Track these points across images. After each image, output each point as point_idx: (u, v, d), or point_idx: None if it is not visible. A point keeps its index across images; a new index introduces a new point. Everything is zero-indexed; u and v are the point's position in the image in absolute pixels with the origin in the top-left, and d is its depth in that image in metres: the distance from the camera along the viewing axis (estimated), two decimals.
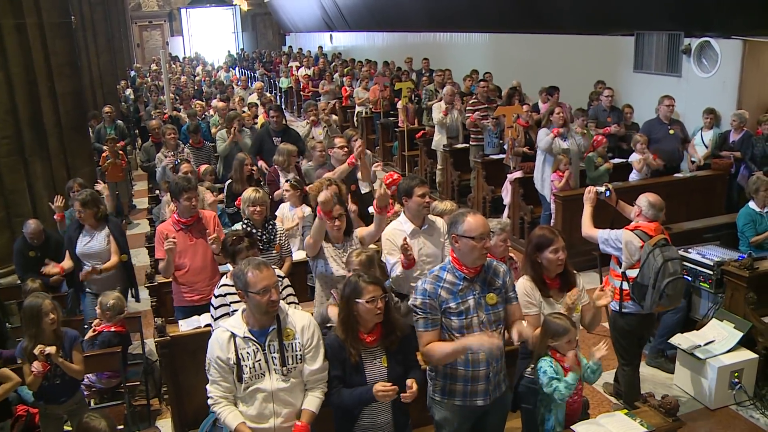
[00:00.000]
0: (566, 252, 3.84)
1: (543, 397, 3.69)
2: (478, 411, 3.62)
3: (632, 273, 4.72)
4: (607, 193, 5.15)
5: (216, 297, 4.29)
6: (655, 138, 8.42)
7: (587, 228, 5.00)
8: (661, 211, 4.82)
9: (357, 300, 3.34)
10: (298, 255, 5.95)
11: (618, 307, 4.82)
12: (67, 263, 5.98)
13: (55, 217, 6.57)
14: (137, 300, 6.59)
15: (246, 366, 3.27)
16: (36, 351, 4.25)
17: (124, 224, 10.60)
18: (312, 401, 3.39)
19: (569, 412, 3.72)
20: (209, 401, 3.35)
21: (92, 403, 5.25)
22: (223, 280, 4.38)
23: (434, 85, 12.63)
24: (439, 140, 10.54)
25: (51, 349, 4.29)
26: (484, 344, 3.28)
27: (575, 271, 4.01)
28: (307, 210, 6.05)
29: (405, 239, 4.40)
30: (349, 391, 3.39)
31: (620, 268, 4.82)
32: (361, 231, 4.76)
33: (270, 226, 5.52)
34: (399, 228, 4.66)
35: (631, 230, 4.80)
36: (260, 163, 8.09)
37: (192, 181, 5.46)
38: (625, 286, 4.76)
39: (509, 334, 3.62)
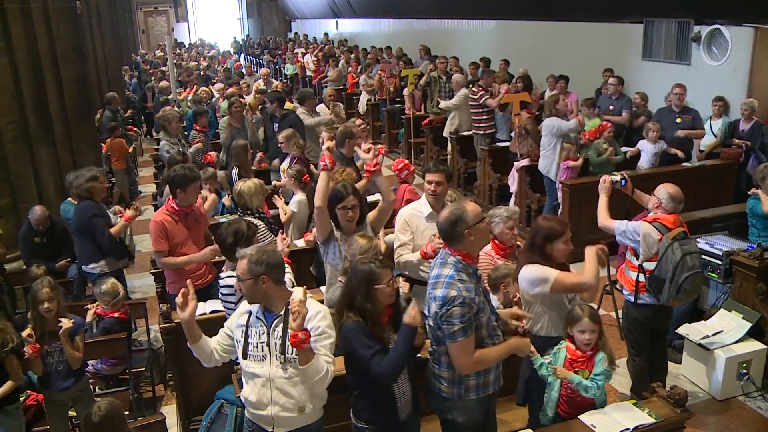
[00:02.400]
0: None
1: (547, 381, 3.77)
2: (487, 403, 3.57)
3: (649, 265, 4.65)
4: (623, 182, 5.02)
5: (224, 287, 4.31)
6: (663, 126, 8.36)
7: (603, 219, 4.87)
8: (680, 204, 4.70)
9: (377, 286, 3.30)
10: (300, 243, 5.93)
11: (633, 299, 4.78)
12: (118, 226, 5.99)
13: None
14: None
15: (251, 344, 3.31)
16: (24, 334, 4.27)
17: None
18: (319, 359, 3.22)
19: (573, 404, 3.72)
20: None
21: (97, 390, 5.27)
22: (227, 273, 4.35)
23: (438, 72, 12.57)
24: (455, 126, 10.42)
25: (65, 322, 4.33)
26: (522, 348, 3.45)
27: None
28: (302, 196, 6.11)
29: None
30: (391, 352, 3.32)
31: (637, 259, 4.75)
32: (371, 216, 4.62)
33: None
34: (417, 209, 4.69)
35: (650, 222, 4.70)
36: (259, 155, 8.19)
37: (195, 170, 5.41)
38: (642, 278, 4.70)
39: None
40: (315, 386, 3.27)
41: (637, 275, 4.73)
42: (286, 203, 6.14)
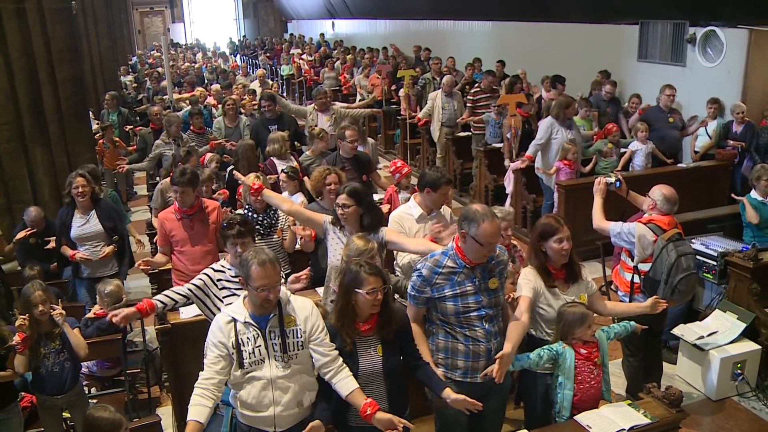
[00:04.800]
0: (571, 242, 3.77)
1: (556, 381, 3.72)
2: (477, 391, 3.60)
3: (644, 267, 4.66)
4: (617, 183, 5.02)
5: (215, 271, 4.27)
6: (655, 126, 8.43)
7: (598, 220, 4.86)
8: (675, 205, 4.74)
9: (357, 290, 3.30)
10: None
11: (628, 300, 4.79)
12: (66, 250, 5.95)
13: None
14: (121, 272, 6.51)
15: (245, 351, 3.24)
16: (17, 323, 4.24)
17: None
18: (350, 382, 3.30)
19: (587, 398, 3.71)
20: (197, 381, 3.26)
21: (93, 392, 5.25)
22: (221, 261, 4.35)
23: (432, 73, 12.58)
24: (434, 130, 10.50)
25: (59, 310, 4.34)
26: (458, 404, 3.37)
27: (581, 263, 3.96)
28: (301, 198, 6.11)
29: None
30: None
31: (632, 261, 4.76)
32: (392, 235, 4.49)
33: (272, 212, 5.49)
34: (407, 212, 4.70)
35: (645, 223, 4.72)
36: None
37: (186, 173, 5.31)
38: (636, 279, 4.71)
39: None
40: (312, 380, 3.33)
41: (632, 276, 4.74)
42: None
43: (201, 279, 4.20)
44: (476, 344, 3.54)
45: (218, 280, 4.20)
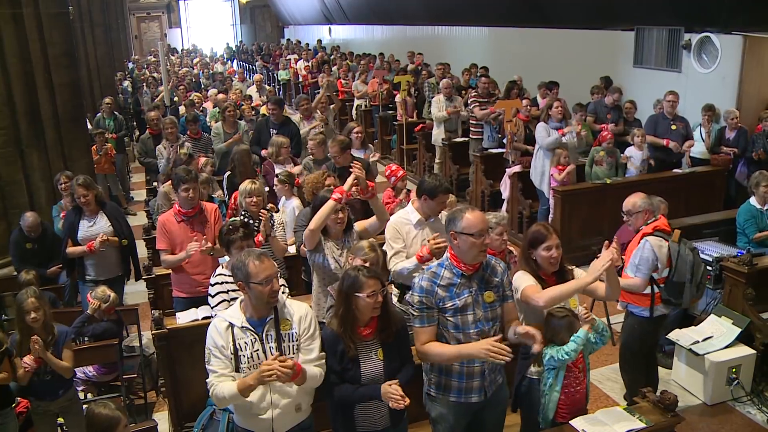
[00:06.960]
0: (561, 250, 3.73)
1: (545, 382, 3.70)
2: (473, 407, 3.60)
3: (654, 275, 4.67)
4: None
5: (212, 286, 4.30)
6: (658, 133, 8.43)
7: (623, 283, 4.54)
8: (652, 197, 4.82)
9: (357, 294, 3.30)
10: (292, 249, 5.92)
11: (649, 313, 4.74)
12: (77, 249, 5.93)
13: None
14: (137, 279, 6.54)
15: (243, 356, 3.25)
16: (32, 344, 4.23)
17: None
18: (310, 369, 3.31)
19: (571, 402, 3.70)
20: (209, 389, 3.28)
21: (89, 397, 5.24)
22: (219, 270, 4.40)
23: (435, 78, 12.61)
24: (437, 134, 10.53)
25: (35, 340, 4.25)
26: (481, 355, 3.26)
27: (572, 267, 3.89)
28: (296, 201, 6.14)
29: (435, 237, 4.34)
30: (353, 388, 3.37)
31: (632, 272, 4.70)
32: (360, 224, 4.70)
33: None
34: (405, 217, 4.68)
35: (651, 233, 4.72)
36: (263, 152, 8.05)
37: (192, 172, 5.42)
38: (656, 289, 4.70)
39: (505, 332, 3.59)
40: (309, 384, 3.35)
41: (652, 288, 4.72)
42: (276, 207, 6.17)
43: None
44: (471, 365, 3.50)
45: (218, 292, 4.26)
